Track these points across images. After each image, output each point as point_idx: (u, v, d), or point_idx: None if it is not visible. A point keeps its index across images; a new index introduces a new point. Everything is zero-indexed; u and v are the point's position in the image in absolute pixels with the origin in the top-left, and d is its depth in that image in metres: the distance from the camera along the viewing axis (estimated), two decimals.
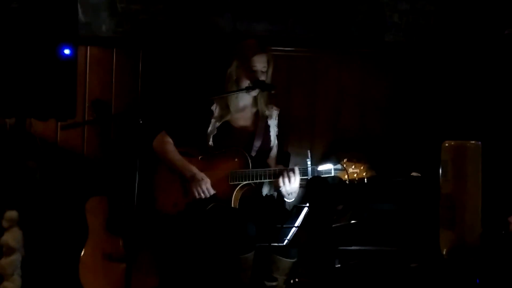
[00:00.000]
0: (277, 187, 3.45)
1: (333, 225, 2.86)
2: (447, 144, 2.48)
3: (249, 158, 3.45)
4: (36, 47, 3.00)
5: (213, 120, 3.57)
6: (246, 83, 3.51)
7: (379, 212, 3.27)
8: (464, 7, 4.03)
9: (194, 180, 3.44)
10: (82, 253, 3.57)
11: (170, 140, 3.55)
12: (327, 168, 3.35)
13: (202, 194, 3.43)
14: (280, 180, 3.34)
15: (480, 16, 3.99)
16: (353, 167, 3.33)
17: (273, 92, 3.55)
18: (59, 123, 3.94)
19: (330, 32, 4.10)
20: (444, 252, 2.45)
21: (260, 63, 3.52)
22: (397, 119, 4.05)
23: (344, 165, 3.32)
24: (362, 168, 3.33)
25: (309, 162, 3.36)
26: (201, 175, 3.45)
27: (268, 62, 3.55)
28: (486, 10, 3.99)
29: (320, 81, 4.10)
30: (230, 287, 3.29)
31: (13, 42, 2.99)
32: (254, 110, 3.65)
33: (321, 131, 4.09)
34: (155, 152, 3.57)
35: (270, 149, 3.64)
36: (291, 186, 3.35)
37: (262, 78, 3.52)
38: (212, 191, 3.44)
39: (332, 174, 3.35)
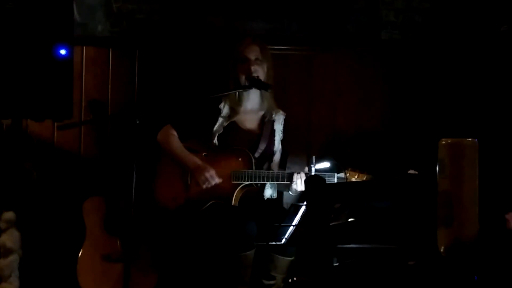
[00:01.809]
0: (286, 187, 3.47)
1: (330, 224, 2.87)
2: (443, 142, 2.48)
3: (253, 159, 3.45)
4: (32, 48, 3.01)
5: (220, 119, 3.57)
6: (243, 78, 3.52)
7: (377, 210, 3.28)
8: (460, 4, 4.03)
9: (198, 170, 3.42)
10: (80, 253, 3.57)
11: (175, 133, 3.55)
12: (330, 177, 3.36)
13: (207, 183, 3.41)
14: (295, 177, 3.36)
15: (476, 13, 3.99)
16: (356, 176, 3.34)
17: (269, 91, 3.56)
18: (55, 124, 3.93)
19: (326, 30, 4.10)
20: (441, 250, 2.45)
21: (252, 52, 3.53)
22: (394, 116, 4.06)
23: (347, 174, 3.34)
24: (365, 178, 3.34)
25: (313, 168, 3.37)
26: (204, 164, 3.44)
27: (262, 54, 3.55)
28: (481, 7, 3.99)
29: (317, 79, 4.11)
30: (230, 285, 3.29)
31: (9, 42, 2.99)
32: (261, 113, 3.66)
33: (317, 129, 4.09)
34: (159, 144, 3.56)
35: (273, 153, 3.64)
36: (303, 187, 3.38)
37: (257, 69, 3.51)
38: (218, 179, 3.42)
39: (335, 182, 3.37)
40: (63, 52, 3.02)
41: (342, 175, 3.35)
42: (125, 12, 4.05)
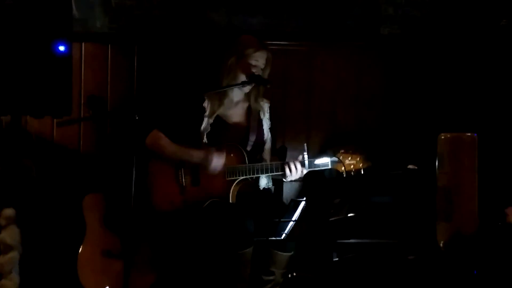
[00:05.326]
0: (281, 175, 3.45)
1: (330, 219, 2.87)
2: (443, 137, 2.48)
3: (245, 153, 3.45)
4: (30, 44, 2.99)
5: (205, 118, 3.55)
6: (242, 78, 3.50)
7: (377, 205, 3.28)
8: None
9: (207, 158, 3.39)
10: (80, 250, 3.57)
11: (163, 136, 3.54)
12: (324, 161, 3.35)
13: (218, 166, 3.39)
14: (287, 171, 3.35)
15: (476, 7, 3.99)
16: (349, 158, 3.32)
17: (268, 86, 3.55)
18: (55, 120, 3.94)
19: (325, 25, 4.09)
20: (441, 244, 2.45)
21: (261, 59, 3.51)
22: (393, 111, 4.05)
23: (341, 157, 3.32)
24: (358, 159, 3.32)
25: (306, 155, 3.36)
26: (205, 152, 3.40)
27: (267, 61, 3.55)
28: (481, 2, 3.98)
29: (316, 74, 4.10)
30: (230, 283, 3.29)
31: (8, 39, 2.98)
32: (246, 105, 3.64)
33: (317, 124, 4.08)
34: (149, 150, 3.54)
35: (264, 142, 3.64)
36: (297, 175, 3.36)
37: (260, 72, 3.52)
38: (223, 157, 3.38)
39: (329, 167, 3.34)
40: (62, 48, 3.01)
41: (335, 158, 3.33)
42: (123, 7, 4.04)
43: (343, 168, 3.30)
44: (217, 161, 3.39)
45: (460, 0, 4.02)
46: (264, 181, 3.58)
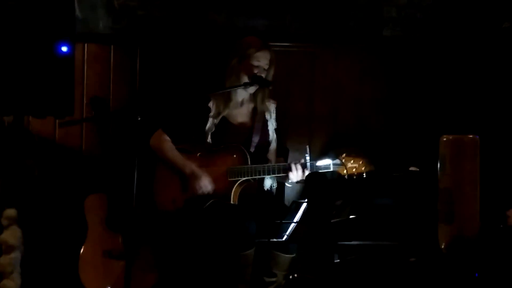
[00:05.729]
0: (284, 178, 3.46)
1: (332, 220, 2.87)
2: (445, 139, 2.48)
3: (247, 154, 3.45)
4: (33, 45, 3.00)
5: (210, 118, 3.56)
6: (244, 79, 3.51)
7: (378, 207, 3.28)
8: (462, 1, 4.02)
9: (193, 177, 3.44)
10: (82, 250, 3.57)
11: (167, 137, 3.55)
12: (325, 163, 3.35)
13: (202, 190, 3.42)
14: (289, 172, 3.36)
15: (478, 10, 3.99)
16: (351, 162, 3.32)
17: (270, 87, 3.55)
18: (57, 121, 3.94)
19: (328, 27, 4.09)
20: (442, 247, 2.45)
21: (264, 59, 3.52)
22: (395, 113, 4.06)
23: (343, 160, 3.32)
24: (361, 162, 3.33)
25: (307, 157, 3.36)
26: (200, 171, 3.45)
27: (271, 61, 3.55)
28: (483, 4, 3.98)
29: (318, 76, 4.10)
30: (231, 284, 3.29)
31: (10, 39, 2.98)
32: (251, 106, 3.65)
33: (319, 126, 4.09)
34: (152, 150, 3.56)
35: (269, 143, 3.64)
36: (299, 177, 3.37)
37: (263, 73, 3.52)
38: (212, 187, 3.44)
39: (331, 169, 3.35)
40: (64, 49, 3.01)
41: (337, 161, 3.34)
42: (126, 8, 4.05)
43: (345, 171, 3.30)
44: (201, 188, 3.42)
45: (462, 2, 4.02)
46: (268, 182, 3.58)
